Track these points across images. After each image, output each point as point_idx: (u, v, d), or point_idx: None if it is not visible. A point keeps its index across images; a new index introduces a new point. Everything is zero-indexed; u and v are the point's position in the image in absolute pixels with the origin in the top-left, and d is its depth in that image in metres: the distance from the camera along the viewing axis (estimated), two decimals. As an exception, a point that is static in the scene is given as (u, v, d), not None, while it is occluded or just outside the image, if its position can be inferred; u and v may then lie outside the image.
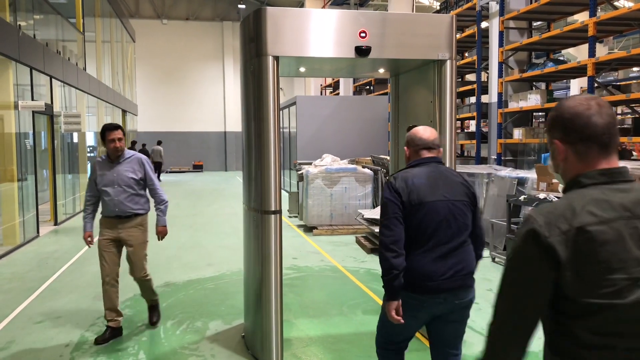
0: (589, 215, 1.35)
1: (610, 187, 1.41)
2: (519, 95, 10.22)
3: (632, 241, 1.33)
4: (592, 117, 1.43)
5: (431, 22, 4.24)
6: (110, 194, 4.57)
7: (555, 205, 1.41)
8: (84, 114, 13.75)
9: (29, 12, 10.52)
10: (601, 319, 1.34)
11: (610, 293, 1.32)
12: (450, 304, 2.78)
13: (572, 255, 1.33)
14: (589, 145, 1.44)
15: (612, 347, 1.34)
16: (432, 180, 2.78)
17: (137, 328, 4.99)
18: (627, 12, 7.66)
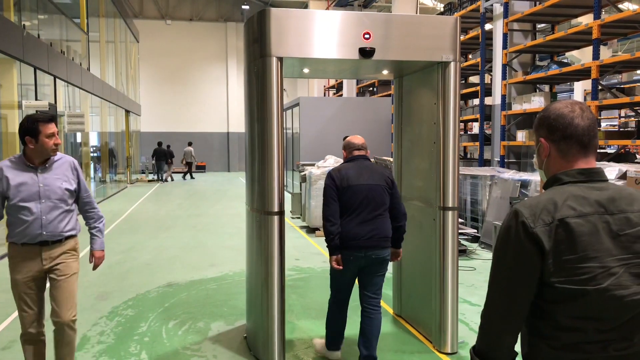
0: (569, 209, 1.49)
1: (587, 185, 1.56)
2: (523, 98, 10.20)
3: (605, 234, 1.48)
4: (575, 118, 1.58)
5: (435, 23, 4.24)
6: (33, 211, 3.32)
7: (538, 200, 1.54)
8: (87, 114, 13.79)
9: (33, 12, 10.56)
10: (577, 304, 1.47)
11: (585, 280, 1.45)
12: (369, 259, 3.85)
13: (554, 244, 1.47)
14: (570, 144, 1.59)
15: (584, 329, 1.48)
16: (358, 170, 3.91)
17: (139, 328, 4.99)
18: (632, 14, 7.64)
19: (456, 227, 4.38)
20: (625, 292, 1.46)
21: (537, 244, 1.48)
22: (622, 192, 1.56)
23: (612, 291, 1.46)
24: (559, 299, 1.49)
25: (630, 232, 1.50)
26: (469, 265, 7.33)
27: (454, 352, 4.37)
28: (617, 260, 1.47)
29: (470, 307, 5.58)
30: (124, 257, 8.01)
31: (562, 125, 1.59)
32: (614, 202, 1.52)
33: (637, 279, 1.48)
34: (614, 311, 1.48)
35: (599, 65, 8.22)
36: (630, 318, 1.49)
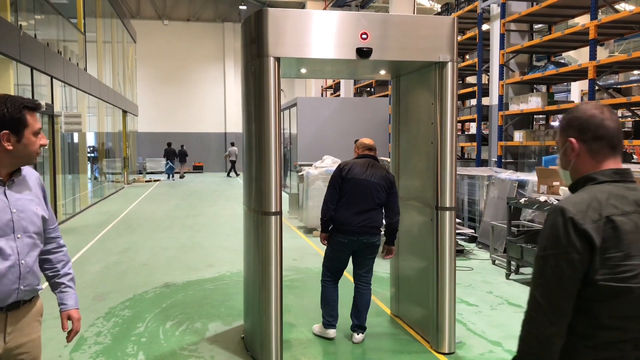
0: (613, 207, 1.51)
1: (622, 185, 1.58)
2: (520, 98, 10.21)
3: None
4: (605, 120, 1.60)
5: (432, 24, 4.24)
6: (7, 253, 2.14)
7: (581, 197, 1.55)
8: (84, 114, 13.76)
9: (30, 12, 10.53)
10: (619, 302, 1.48)
11: (629, 277, 1.47)
12: (360, 243, 4.43)
13: (602, 241, 1.47)
14: (602, 145, 1.61)
15: (625, 328, 1.49)
16: (364, 167, 4.47)
17: (136, 328, 4.98)
18: (628, 15, 7.66)
19: (453, 227, 4.38)
20: None
21: (587, 241, 1.47)
22: None
23: None
24: (601, 297, 1.49)
25: None
26: (467, 266, 7.33)
27: (452, 352, 4.37)
28: None
29: (467, 307, 5.58)
30: (121, 258, 8.00)
31: (593, 126, 1.60)
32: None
33: None
34: None
35: (595, 65, 8.23)
36: None
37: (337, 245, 4.47)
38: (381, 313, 5.40)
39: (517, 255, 6.52)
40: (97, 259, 7.91)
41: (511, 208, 6.86)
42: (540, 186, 6.92)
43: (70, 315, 2.49)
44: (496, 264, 7.38)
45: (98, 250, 8.60)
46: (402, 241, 5.13)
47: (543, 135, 9.51)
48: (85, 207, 13.77)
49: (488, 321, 5.14)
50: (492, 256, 7.49)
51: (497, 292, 6.10)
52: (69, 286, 2.53)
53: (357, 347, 4.52)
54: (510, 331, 4.87)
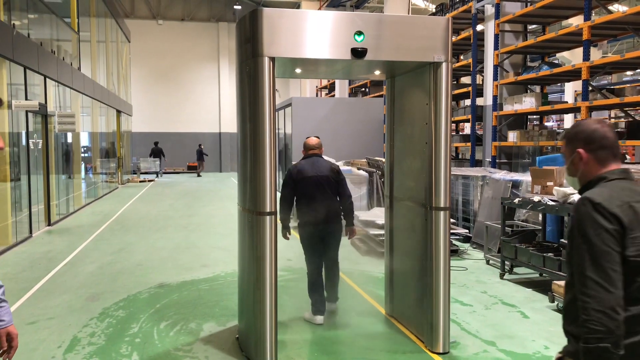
0: (628, 196, 1.80)
1: (627, 181, 1.89)
2: (514, 98, 10.24)
3: None
4: (607, 132, 1.93)
5: (427, 24, 4.25)
6: None
7: (600, 190, 1.83)
8: (78, 114, 13.69)
9: (23, 11, 10.48)
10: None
11: None
12: (324, 231, 5.02)
13: (629, 222, 1.73)
14: (607, 153, 1.93)
15: None
16: (311, 165, 5.07)
17: (130, 329, 4.96)
18: (621, 16, 7.70)
19: (448, 227, 4.39)
20: None
21: (618, 221, 1.72)
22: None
23: None
24: (632, 272, 1.71)
25: None
26: (461, 266, 7.35)
27: (446, 351, 4.38)
28: None
29: (461, 307, 5.59)
30: (115, 258, 7.97)
31: (598, 138, 1.93)
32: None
33: None
34: None
35: (589, 66, 8.27)
36: None
37: (308, 238, 5.04)
38: (376, 313, 5.41)
39: (511, 255, 6.54)
40: (91, 260, 7.88)
41: (505, 208, 6.88)
42: (534, 186, 6.94)
43: (9, 332, 2.31)
44: (490, 263, 7.40)
45: (92, 250, 8.56)
46: (397, 241, 5.14)
47: (537, 136, 9.54)
48: (79, 207, 13.71)
49: (482, 321, 5.15)
50: (486, 256, 7.51)
51: (491, 292, 6.12)
52: (3, 300, 2.26)
53: (352, 347, 4.52)
54: (504, 331, 4.89)
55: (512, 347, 4.52)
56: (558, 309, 5.46)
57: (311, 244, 5.06)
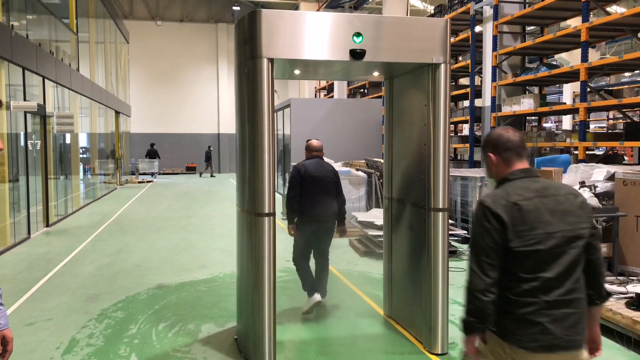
0: (518, 195, 2.18)
1: (527, 179, 2.25)
2: (512, 99, 10.26)
3: (544, 210, 2.16)
4: (510, 136, 2.32)
5: (426, 26, 4.25)
6: None
7: (495, 192, 2.24)
8: (76, 115, 13.68)
9: (21, 12, 10.47)
10: (530, 261, 2.13)
11: (534, 243, 2.12)
12: (317, 227, 5.31)
13: (511, 219, 2.13)
14: (512, 153, 2.29)
15: (535, 279, 2.13)
16: (315, 166, 5.35)
17: (129, 330, 4.96)
18: (620, 17, 7.72)
19: (446, 228, 4.39)
20: (560, 250, 2.14)
21: (500, 220, 2.13)
22: (549, 182, 2.30)
23: (552, 249, 2.13)
24: (517, 259, 2.13)
25: (561, 208, 2.19)
26: (459, 266, 7.35)
27: (444, 352, 4.38)
28: (556, 228, 2.15)
29: (460, 308, 5.59)
30: (114, 259, 7.96)
31: (503, 142, 2.31)
32: (546, 189, 2.22)
33: (570, 243, 2.16)
34: (554, 263, 2.13)
35: (587, 67, 8.29)
36: (564, 270, 2.14)
37: (305, 234, 5.30)
38: (374, 314, 5.41)
39: (509, 256, 6.53)
40: (90, 261, 7.87)
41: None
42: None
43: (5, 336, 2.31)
44: (489, 264, 7.40)
45: (90, 251, 8.56)
46: (395, 242, 5.14)
47: (535, 137, 9.56)
48: (77, 208, 13.70)
49: (481, 322, 5.15)
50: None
51: (489, 293, 6.11)
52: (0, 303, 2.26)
53: (350, 348, 4.52)
54: (502, 332, 4.89)
55: (511, 348, 4.51)
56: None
57: (307, 238, 5.35)
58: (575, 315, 2.15)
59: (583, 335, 2.19)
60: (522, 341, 2.13)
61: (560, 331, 2.12)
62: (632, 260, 5.80)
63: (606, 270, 5.78)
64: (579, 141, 8.39)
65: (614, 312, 4.58)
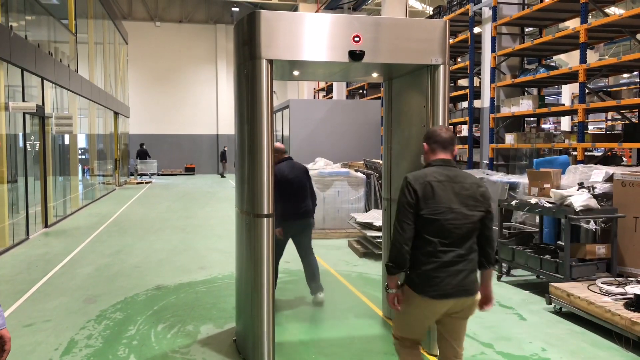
0: (432, 177, 2.87)
1: (444, 167, 2.94)
2: (511, 101, 10.27)
3: (450, 191, 2.84)
4: (442, 133, 3.02)
5: (424, 27, 4.26)
6: None
7: (417, 172, 2.93)
8: (75, 116, 13.68)
9: (20, 12, 10.46)
10: (433, 226, 2.81)
11: (438, 213, 2.81)
12: (297, 226, 5.60)
13: (423, 193, 2.82)
14: (438, 145, 3.01)
15: (435, 242, 2.81)
16: (289, 168, 5.56)
17: (128, 331, 4.95)
18: (618, 19, 7.73)
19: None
20: (457, 222, 2.82)
21: (416, 194, 2.82)
22: (460, 172, 2.95)
23: (450, 221, 2.81)
24: (424, 224, 2.81)
25: (465, 193, 2.87)
26: (458, 267, 7.35)
27: (444, 354, 4.38)
28: (456, 206, 2.82)
29: (459, 309, 5.59)
30: (113, 260, 7.95)
31: (434, 136, 3.03)
32: (456, 177, 2.91)
33: (466, 218, 2.82)
34: (450, 232, 2.81)
35: (586, 68, 8.30)
36: (459, 238, 2.82)
37: (286, 234, 5.51)
38: (373, 315, 5.41)
39: (508, 257, 6.55)
40: (88, 262, 7.87)
41: (502, 210, 6.90)
42: (532, 188, 6.96)
43: (2, 335, 2.30)
44: (488, 265, 7.40)
45: (89, 252, 8.55)
46: (394, 243, 5.14)
47: (534, 138, 9.57)
48: (76, 209, 13.69)
49: (479, 323, 5.16)
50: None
51: (488, 294, 6.12)
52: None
53: (349, 349, 4.53)
54: (501, 333, 4.90)
55: (510, 349, 4.52)
56: (555, 311, 5.48)
57: (286, 236, 5.57)
58: (466, 272, 2.84)
59: (473, 287, 2.89)
60: (426, 291, 2.81)
61: (455, 282, 2.81)
62: (630, 261, 5.81)
63: (605, 271, 5.79)
64: (578, 142, 8.40)
65: (612, 312, 4.58)
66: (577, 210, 5.62)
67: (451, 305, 2.85)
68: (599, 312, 4.75)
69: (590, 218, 5.78)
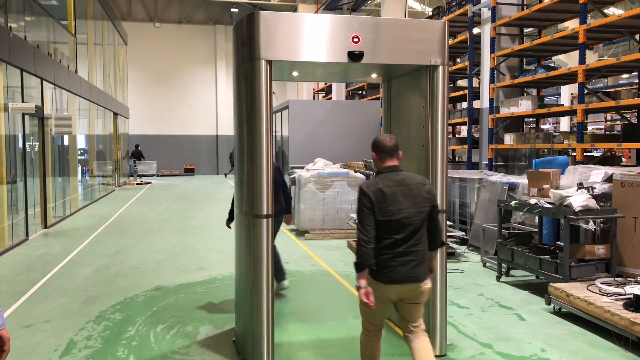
0: (383, 184, 3.26)
1: (392, 173, 3.34)
2: (510, 101, 10.28)
3: (399, 194, 3.25)
4: (386, 142, 3.39)
5: (424, 27, 4.26)
6: None
7: (370, 181, 3.31)
8: (75, 117, 13.67)
9: (20, 13, 10.46)
10: (388, 226, 3.23)
11: (390, 214, 3.22)
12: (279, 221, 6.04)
13: (376, 199, 3.21)
14: (385, 154, 3.39)
15: (391, 238, 3.24)
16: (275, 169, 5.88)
17: (127, 332, 4.95)
18: (617, 19, 7.74)
19: (445, 229, 4.40)
20: (407, 221, 3.24)
21: (370, 200, 3.21)
22: (407, 175, 3.36)
23: (402, 220, 3.24)
24: (380, 224, 3.22)
25: (412, 193, 3.29)
26: (458, 268, 7.36)
27: (443, 354, 4.38)
28: (406, 208, 3.25)
29: (458, 309, 5.60)
30: (112, 261, 7.95)
31: (380, 145, 3.40)
32: (404, 180, 3.32)
33: (414, 216, 3.26)
34: (403, 228, 3.25)
35: (585, 69, 8.30)
36: (410, 232, 3.26)
37: None
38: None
39: (507, 258, 6.56)
40: (88, 262, 7.87)
41: (502, 211, 6.90)
42: (531, 189, 6.96)
43: (2, 336, 2.30)
44: (487, 266, 7.41)
45: (88, 253, 8.55)
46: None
47: (533, 138, 9.57)
48: (75, 209, 13.68)
49: (479, 323, 5.16)
50: (483, 259, 7.52)
51: (487, 295, 6.13)
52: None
53: (348, 350, 4.52)
54: (501, 333, 4.90)
55: (509, 349, 4.53)
56: (555, 311, 5.48)
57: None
58: (416, 261, 3.29)
59: (420, 275, 3.31)
60: (381, 278, 3.28)
61: (405, 271, 3.27)
62: (630, 262, 5.82)
63: (604, 272, 5.79)
64: (577, 143, 8.41)
65: (612, 313, 4.59)
66: (576, 211, 5.63)
67: (402, 290, 3.29)
68: (598, 313, 4.75)
69: (589, 218, 5.78)
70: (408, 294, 3.31)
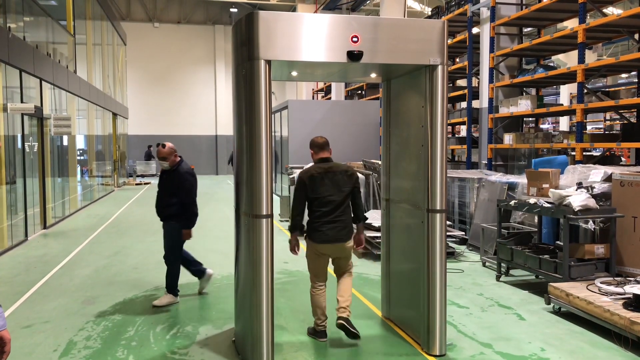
0: (314, 171, 4.57)
1: (322, 163, 4.63)
2: (510, 101, 10.28)
3: (327, 180, 4.55)
4: (318, 141, 4.72)
5: (423, 27, 4.26)
6: None
7: (306, 168, 4.70)
8: (74, 117, 13.66)
9: (18, 14, 10.46)
10: (317, 202, 4.53)
11: (319, 192, 4.52)
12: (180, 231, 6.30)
13: (309, 182, 4.53)
14: (317, 149, 4.71)
15: (320, 210, 4.53)
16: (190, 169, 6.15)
17: (127, 332, 4.95)
18: (616, 19, 7.74)
19: (444, 229, 4.40)
20: (332, 197, 4.51)
21: (304, 183, 4.52)
22: (334, 164, 4.61)
23: (327, 197, 4.51)
24: (312, 200, 4.52)
25: (336, 178, 4.55)
26: (457, 268, 7.36)
27: (442, 354, 4.38)
28: (331, 188, 4.52)
29: (458, 309, 5.60)
30: (111, 261, 7.95)
31: (314, 143, 4.71)
32: (331, 168, 4.57)
33: (338, 194, 4.52)
34: (329, 203, 4.50)
35: (584, 68, 8.31)
36: (335, 206, 4.51)
37: None
38: (372, 315, 5.41)
39: (507, 257, 6.56)
40: (87, 263, 7.86)
41: (501, 210, 6.90)
42: (530, 188, 6.96)
43: (2, 337, 2.27)
44: (486, 266, 7.41)
45: (88, 253, 8.54)
46: (393, 243, 5.15)
47: (532, 138, 9.57)
48: (74, 210, 13.67)
49: (478, 323, 5.16)
50: (483, 258, 7.52)
51: (487, 294, 6.13)
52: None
53: (348, 349, 4.52)
54: (500, 333, 4.90)
55: (509, 349, 4.52)
56: (554, 310, 5.48)
57: None
58: (340, 227, 4.52)
59: (345, 236, 4.56)
60: (314, 238, 4.53)
61: (332, 233, 4.50)
62: (629, 261, 5.82)
63: (604, 271, 5.80)
64: (576, 142, 8.41)
65: (611, 312, 4.59)
66: (575, 210, 5.63)
67: (332, 248, 4.54)
68: (598, 312, 4.75)
69: (588, 218, 5.78)
70: (337, 251, 4.58)
